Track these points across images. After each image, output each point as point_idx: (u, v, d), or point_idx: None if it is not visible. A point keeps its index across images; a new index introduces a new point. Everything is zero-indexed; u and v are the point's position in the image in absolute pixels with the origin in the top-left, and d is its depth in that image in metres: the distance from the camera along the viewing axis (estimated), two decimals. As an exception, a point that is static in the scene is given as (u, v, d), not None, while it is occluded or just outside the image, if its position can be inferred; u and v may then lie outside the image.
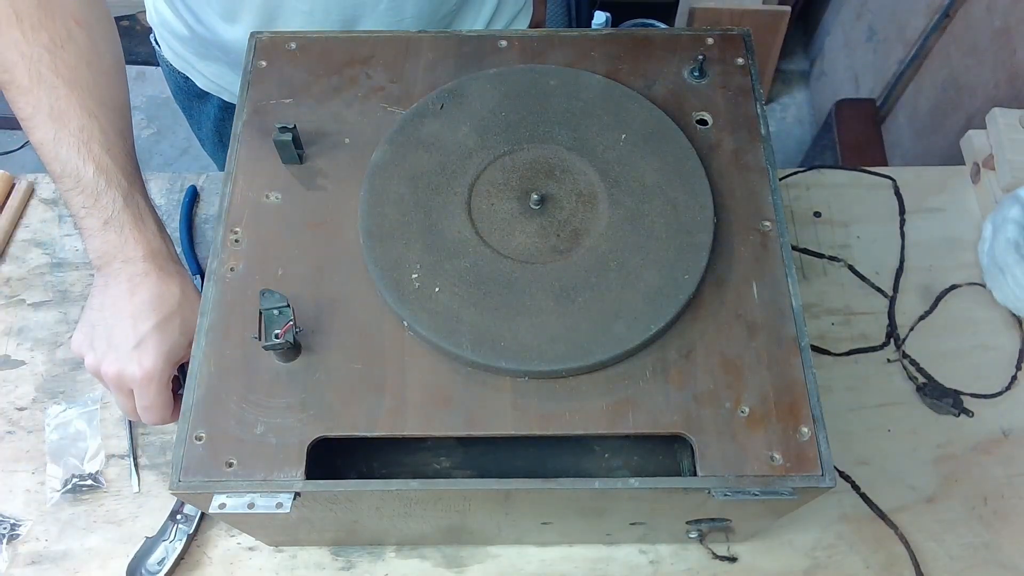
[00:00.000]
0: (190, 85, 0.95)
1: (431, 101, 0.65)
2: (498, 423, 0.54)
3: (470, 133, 0.64)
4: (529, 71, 0.67)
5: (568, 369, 0.55)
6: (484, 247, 0.59)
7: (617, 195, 0.61)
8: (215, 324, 0.57)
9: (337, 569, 0.72)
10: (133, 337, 0.61)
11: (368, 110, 0.66)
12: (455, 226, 0.60)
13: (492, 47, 0.69)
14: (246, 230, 0.61)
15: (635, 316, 0.56)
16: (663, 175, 0.62)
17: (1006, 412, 0.80)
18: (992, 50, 1.27)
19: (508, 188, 0.62)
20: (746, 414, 0.55)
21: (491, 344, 0.55)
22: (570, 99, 0.65)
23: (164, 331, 0.62)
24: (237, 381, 0.55)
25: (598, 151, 0.63)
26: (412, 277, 0.58)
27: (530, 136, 0.64)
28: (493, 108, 0.65)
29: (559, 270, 0.58)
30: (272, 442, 0.54)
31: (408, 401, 0.55)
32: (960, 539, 0.74)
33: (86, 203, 0.62)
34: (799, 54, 2.21)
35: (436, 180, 0.62)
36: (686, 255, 0.59)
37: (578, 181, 0.62)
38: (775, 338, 0.57)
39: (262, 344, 0.53)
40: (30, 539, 0.73)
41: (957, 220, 0.90)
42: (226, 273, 0.59)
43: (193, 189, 0.89)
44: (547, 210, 0.61)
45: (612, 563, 0.73)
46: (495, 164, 0.63)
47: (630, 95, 0.65)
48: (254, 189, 0.62)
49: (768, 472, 0.53)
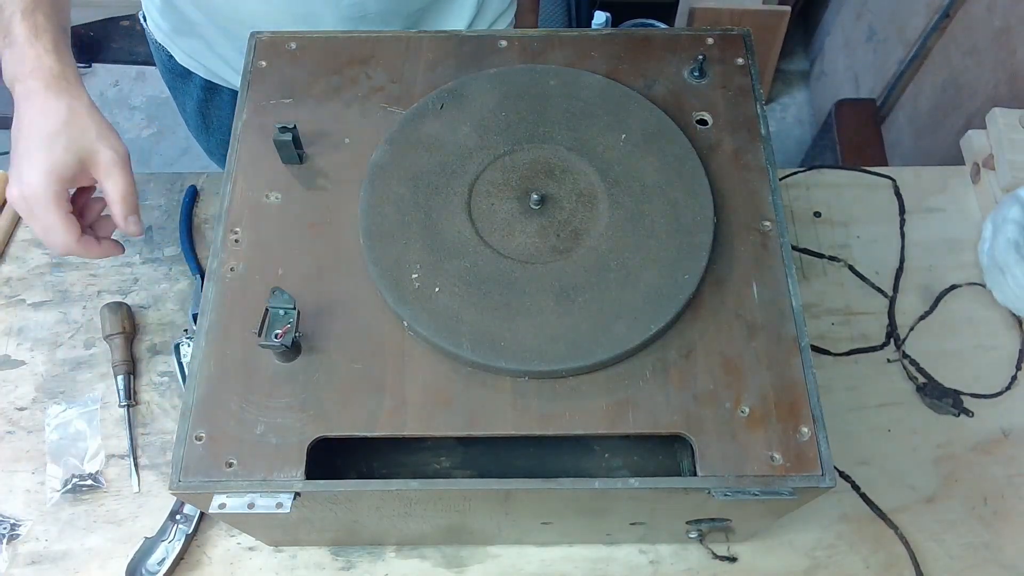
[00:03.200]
0: (173, 63, 0.95)
1: (431, 101, 0.65)
2: (498, 423, 0.54)
3: (470, 133, 0.64)
4: (529, 71, 0.67)
5: (568, 369, 0.55)
6: (484, 247, 0.59)
7: (617, 195, 0.61)
8: (215, 324, 0.57)
9: (337, 569, 0.72)
10: (17, 156, 0.61)
11: (368, 110, 0.66)
12: (455, 226, 0.60)
13: (492, 47, 0.69)
14: (246, 230, 0.61)
15: (635, 316, 0.56)
16: (663, 175, 0.62)
17: (1006, 412, 0.80)
18: (992, 50, 1.27)
19: (508, 188, 0.62)
20: (746, 414, 0.55)
21: (491, 344, 0.55)
22: (570, 99, 0.65)
23: (46, 148, 0.60)
24: (237, 381, 0.55)
25: (598, 151, 0.63)
26: (412, 277, 0.58)
27: (530, 136, 0.64)
28: (493, 108, 0.65)
29: (559, 270, 0.58)
30: (272, 442, 0.54)
31: (408, 401, 0.55)
32: (960, 539, 0.74)
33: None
34: (799, 54, 2.21)
35: (436, 180, 0.62)
36: (686, 255, 0.59)
37: (578, 181, 0.62)
38: (775, 338, 0.57)
39: (259, 341, 0.53)
40: (30, 539, 0.73)
41: (957, 220, 0.90)
42: (226, 273, 0.59)
43: (193, 189, 0.89)
44: (547, 210, 0.61)
45: (612, 563, 0.73)
46: (495, 164, 0.63)
47: (630, 95, 0.65)
48: (254, 189, 0.62)
49: (768, 472, 0.53)
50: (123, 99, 2.06)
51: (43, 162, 0.60)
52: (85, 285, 0.84)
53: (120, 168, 0.63)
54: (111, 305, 0.80)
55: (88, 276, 0.84)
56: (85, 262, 0.85)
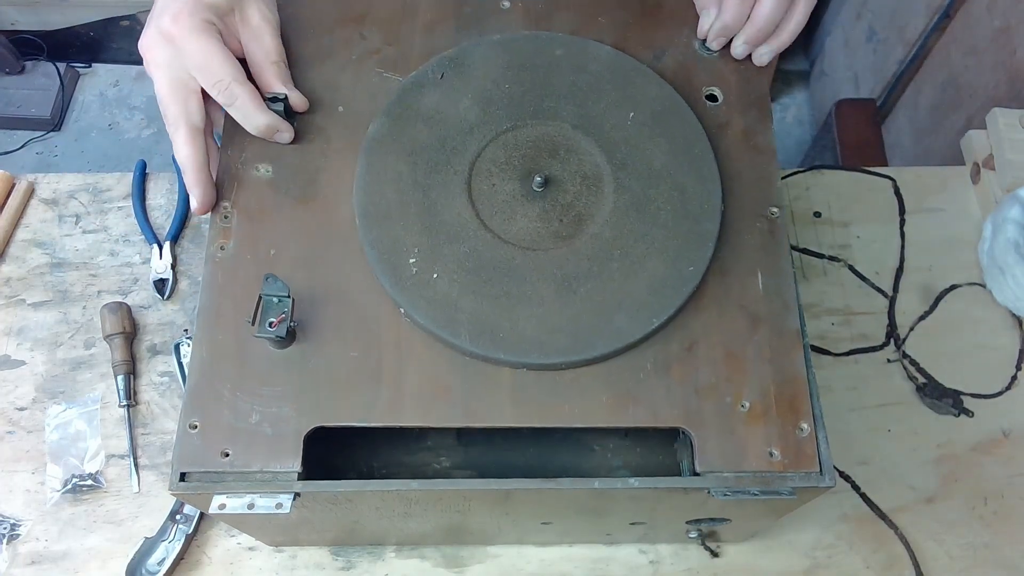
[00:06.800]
0: None
1: (431, 70, 0.62)
2: (497, 415, 0.53)
3: (471, 106, 0.61)
4: (534, 39, 0.64)
5: (568, 362, 0.54)
6: (484, 231, 0.57)
7: (623, 179, 0.59)
8: (206, 306, 0.55)
9: (337, 569, 0.72)
10: (158, 4, 0.56)
11: (363, 75, 0.62)
12: (455, 208, 0.58)
13: (494, 8, 0.65)
14: (236, 206, 0.58)
15: (637, 308, 0.55)
16: (671, 158, 0.60)
17: (1006, 412, 0.80)
18: (992, 50, 1.27)
19: (510, 168, 0.59)
20: (746, 409, 0.54)
21: (490, 335, 0.54)
22: (577, 71, 0.62)
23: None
24: (230, 368, 0.54)
25: (605, 130, 0.61)
26: (410, 262, 0.56)
27: (534, 111, 0.61)
28: (496, 79, 0.62)
29: (561, 258, 0.57)
30: (268, 432, 0.52)
31: (405, 391, 0.54)
32: (960, 539, 0.74)
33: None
34: (799, 54, 2.21)
35: (435, 157, 0.59)
36: (692, 244, 0.57)
37: (583, 162, 0.60)
38: (777, 331, 0.56)
39: (254, 332, 0.52)
40: (30, 539, 0.73)
41: (957, 220, 0.90)
42: (216, 252, 0.57)
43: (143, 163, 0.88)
44: (550, 193, 0.59)
45: (612, 563, 0.73)
46: (497, 141, 0.60)
47: (639, 69, 0.63)
48: (244, 161, 0.60)
49: (767, 468, 0.53)
50: (123, 99, 2.06)
51: (178, 1, 0.55)
52: (85, 285, 0.84)
53: (270, 30, 0.58)
54: (111, 305, 0.80)
55: (88, 276, 0.84)
56: (85, 262, 0.84)
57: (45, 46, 1.93)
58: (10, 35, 1.90)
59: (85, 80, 2.05)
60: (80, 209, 0.87)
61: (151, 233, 0.85)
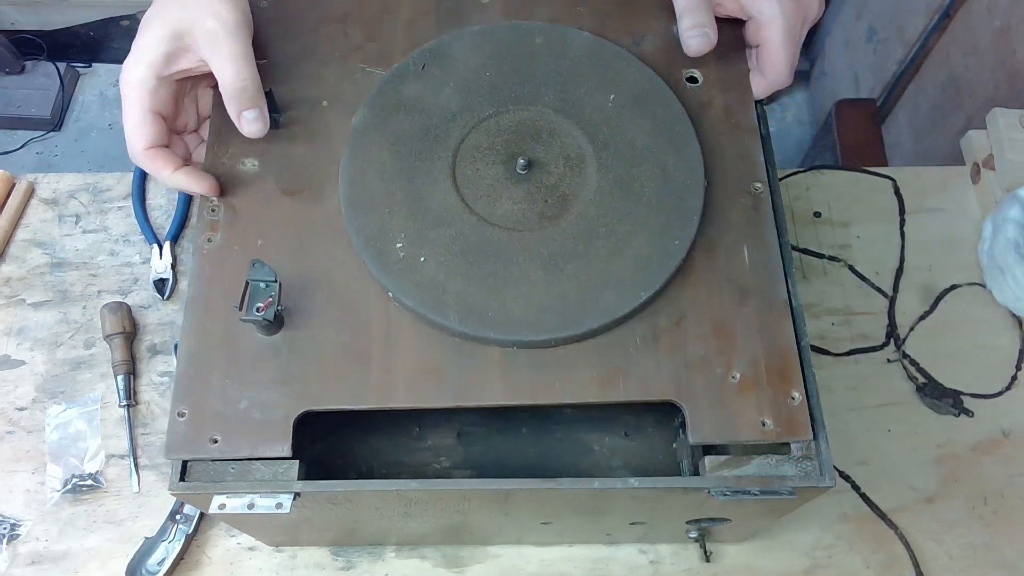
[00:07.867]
0: None
1: (412, 61, 0.63)
2: (488, 393, 0.53)
3: (453, 95, 0.62)
4: (513, 28, 0.64)
5: (557, 339, 0.54)
6: (470, 215, 0.58)
7: (606, 159, 0.60)
8: (195, 297, 0.56)
9: (337, 569, 0.72)
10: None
11: (346, 71, 0.63)
12: (440, 193, 0.58)
13: (474, 3, 0.66)
14: (223, 199, 0.59)
15: (625, 284, 0.55)
16: (653, 137, 0.60)
17: (1006, 412, 0.80)
18: (992, 50, 1.27)
19: (494, 152, 0.60)
20: (737, 379, 0.54)
21: (479, 315, 0.54)
22: (557, 58, 0.63)
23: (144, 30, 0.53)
24: (219, 355, 0.54)
25: (586, 113, 0.61)
26: (396, 247, 0.56)
27: (516, 97, 0.62)
28: (477, 68, 0.63)
29: (547, 238, 0.57)
30: (256, 417, 0.52)
31: (396, 373, 0.54)
32: (960, 539, 0.74)
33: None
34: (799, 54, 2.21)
35: (419, 145, 0.60)
36: (676, 220, 0.57)
37: (566, 144, 0.60)
38: (766, 302, 0.56)
39: (241, 316, 0.52)
40: (30, 539, 0.73)
41: (957, 220, 0.90)
42: (204, 244, 0.57)
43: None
44: (534, 175, 0.59)
45: (612, 563, 0.73)
46: (480, 127, 0.61)
47: (619, 53, 0.63)
48: (229, 156, 0.60)
49: (760, 438, 0.52)
50: (123, 99, 2.06)
51: (137, 47, 0.54)
52: (85, 285, 0.84)
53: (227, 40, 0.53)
54: (111, 305, 0.80)
55: (88, 276, 0.84)
56: (85, 261, 0.85)
57: (45, 46, 1.93)
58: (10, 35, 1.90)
59: (85, 80, 2.05)
60: (80, 209, 0.87)
61: (151, 233, 0.86)
